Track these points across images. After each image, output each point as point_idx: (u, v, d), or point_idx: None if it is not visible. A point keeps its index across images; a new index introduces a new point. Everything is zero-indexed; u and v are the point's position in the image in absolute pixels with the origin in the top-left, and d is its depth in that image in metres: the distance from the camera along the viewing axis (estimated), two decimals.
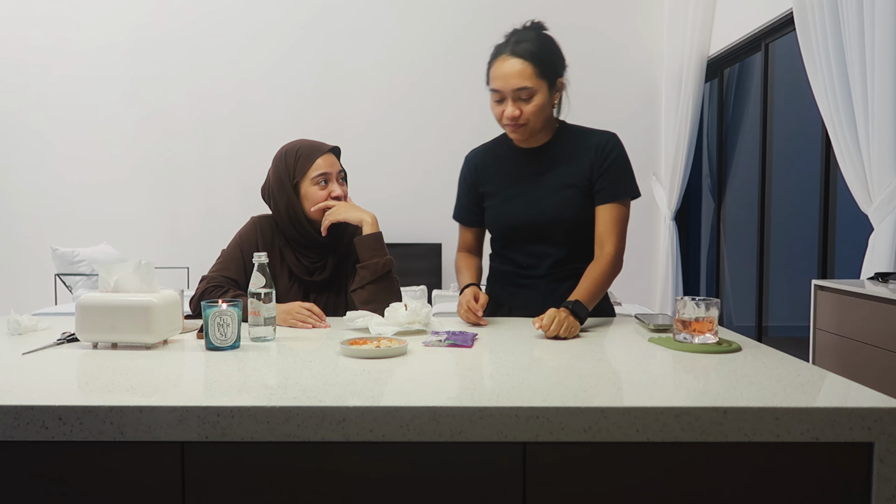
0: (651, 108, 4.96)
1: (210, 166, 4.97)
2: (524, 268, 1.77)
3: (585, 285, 1.61)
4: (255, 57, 4.92)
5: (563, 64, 1.69)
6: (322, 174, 1.80)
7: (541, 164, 1.74)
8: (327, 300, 1.82)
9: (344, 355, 1.30)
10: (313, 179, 1.80)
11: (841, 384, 1.09)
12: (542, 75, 1.62)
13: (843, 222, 3.24)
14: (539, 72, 1.61)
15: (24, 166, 4.94)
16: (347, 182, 1.90)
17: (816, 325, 2.52)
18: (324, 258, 1.84)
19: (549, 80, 1.64)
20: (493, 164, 1.81)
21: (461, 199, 1.88)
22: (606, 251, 1.66)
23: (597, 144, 1.71)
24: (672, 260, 4.70)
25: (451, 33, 4.89)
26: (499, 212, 1.78)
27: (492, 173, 1.80)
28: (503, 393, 1.02)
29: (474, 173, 1.83)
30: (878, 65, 2.53)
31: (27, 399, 0.99)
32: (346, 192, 1.86)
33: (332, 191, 1.81)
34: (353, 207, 1.81)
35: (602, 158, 1.69)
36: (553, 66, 1.65)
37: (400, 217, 4.86)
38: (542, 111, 1.64)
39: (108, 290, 1.39)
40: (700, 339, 1.35)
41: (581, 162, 1.71)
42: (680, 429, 0.95)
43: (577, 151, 1.72)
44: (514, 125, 1.65)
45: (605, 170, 1.69)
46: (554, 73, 1.65)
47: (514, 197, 1.76)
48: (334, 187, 1.82)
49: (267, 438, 0.96)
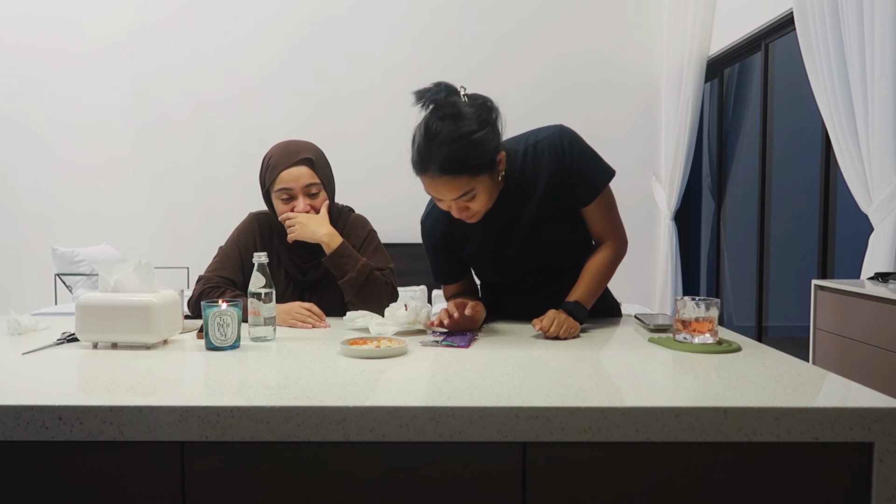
0: (651, 108, 4.95)
1: (210, 166, 4.97)
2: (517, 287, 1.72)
3: (585, 282, 1.58)
4: (256, 58, 4.91)
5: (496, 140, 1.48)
6: (284, 189, 1.76)
7: (505, 214, 1.59)
8: (321, 298, 1.80)
9: (344, 355, 1.30)
10: (276, 193, 1.78)
11: (841, 384, 1.09)
12: (479, 174, 1.45)
13: (843, 222, 3.24)
14: (471, 175, 1.44)
15: (25, 167, 4.94)
16: (330, 188, 1.83)
17: (816, 325, 2.52)
18: (316, 257, 1.83)
19: (489, 171, 1.47)
20: (457, 230, 1.64)
21: (439, 265, 1.73)
22: (607, 244, 1.64)
23: (551, 150, 1.55)
24: (672, 260, 4.70)
25: (452, 35, 4.89)
26: (482, 272, 1.72)
27: (459, 238, 1.65)
28: (503, 393, 1.02)
29: (444, 239, 1.67)
30: (878, 65, 2.53)
31: (27, 399, 0.99)
32: (318, 204, 1.79)
33: (296, 206, 1.77)
34: (311, 225, 1.74)
35: (565, 160, 1.54)
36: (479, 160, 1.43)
37: (400, 217, 4.85)
38: (491, 197, 1.51)
39: (108, 290, 1.39)
40: (700, 339, 1.35)
41: (548, 178, 1.56)
42: (680, 429, 0.95)
43: (538, 171, 1.56)
44: (468, 217, 1.53)
45: (573, 171, 1.55)
46: (486, 164, 1.45)
47: (490, 261, 1.66)
48: (298, 203, 1.77)
49: (267, 438, 0.96)
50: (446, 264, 1.72)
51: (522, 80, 4.83)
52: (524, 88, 4.79)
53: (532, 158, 1.57)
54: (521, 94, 4.70)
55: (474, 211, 1.51)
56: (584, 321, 1.54)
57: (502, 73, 4.81)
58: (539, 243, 1.61)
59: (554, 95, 4.77)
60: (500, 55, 4.84)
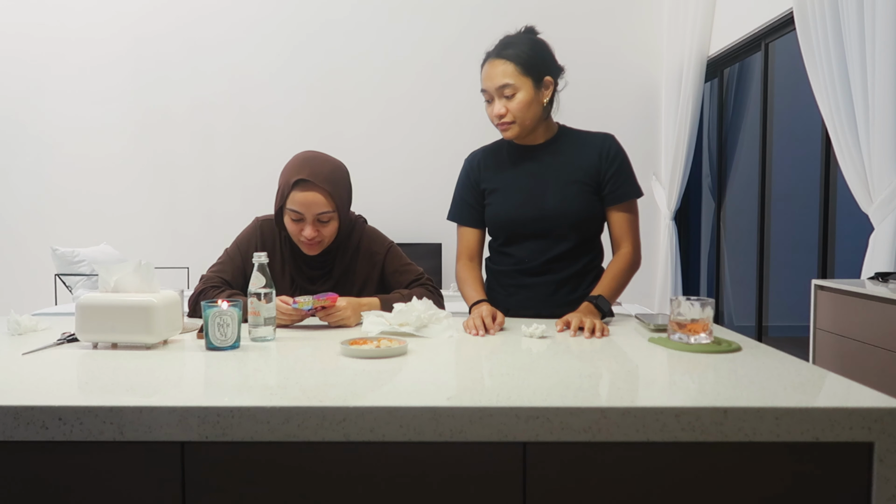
0: (651, 108, 4.96)
1: (210, 167, 4.97)
2: (524, 262, 1.77)
3: (607, 282, 1.70)
4: (256, 57, 4.91)
5: (553, 65, 1.73)
6: (295, 211, 1.69)
7: (543, 161, 1.76)
8: None
9: (344, 355, 1.30)
10: (288, 211, 1.71)
11: (841, 384, 1.09)
12: (524, 73, 1.66)
13: (843, 222, 3.24)
14: (521, 70, 1.66)
15: (25, 167, 4.94)
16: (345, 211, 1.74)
17: (816, 325, 2.52)
18: (325, 266, 1.80)
19: (533, 78, 1.67)
20: (495, 162, 1.82)
21: (460, 198, 1.87)
22: (625, 250, 1.75)
23: (600, 146, 1.75)
24: (672, 260, 4.70)
25: (451, 33, 4.89)
26: (502, 207, 1.78)
27: (494, 171, 1.82)
28: (503, 393, 1.02)
29: (476, 171, 1.84)
30: (878, 65, 2.53)
31: (27, 399, 0.99)
32: (327, 233, 1.71)
33: (303, 229, 1.70)
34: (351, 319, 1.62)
35: (609, 160, 1.73)
36: (536, 65, 1.68)
37: (400, 217, 4.86)
38: (527, 107, 1.68)
39: (108, 290, 1.39)
40: (695, 339, 1.35)
41: (585, 160, 1.74)
42: (680, 429, 0.95)
43: (579, 150, 1.76)
44: (503, 123, 1.70)
45: (612, 171, 1.73)
46: (538, 72, 1.68)
47: (517, 192, 1.77)
48: (307, 229, 1.69)
49: (267, 438, 0.96)
50: (465, 196, 1.85)
51: None
52: None
53: (583, 140, 1.77)
54: None
55: (512, 114, 1.67)
56: (607, 314, 1.66)
57: None
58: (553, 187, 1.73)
59: None
60: None
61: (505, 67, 1.66)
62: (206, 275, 1.80)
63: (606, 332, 1.50)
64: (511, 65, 1.66)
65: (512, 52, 1.67)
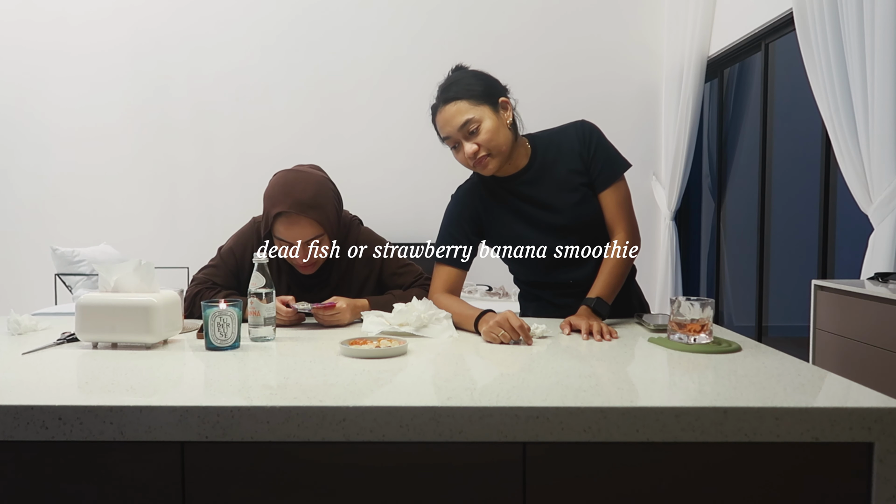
0: (651, 108, 4.95)
1: (210, 166, 4.97)
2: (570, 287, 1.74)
3: (603, 280, 1.66)
4: (255, 57, 4.91)
5: (500, 86, 1.69)
6: (283, 240, 1.68)
7: (535, 179, 1.72)
8: None
9: (344, 355, 1.30)
10: (277, 240, 1.69)
11: (841, 384, 1.09)
12: (479, 102, 1.62)
13: (843, 222, 3.24)
14: (474, 101, 1.61)
15: (25, 167, 4.94)
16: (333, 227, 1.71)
17: (816, 325, 2.52)
18: (324, 275, 1.79)
19: (489, 104, 1.62)
20: (489, 195, 1.75)
21: (451, 236, 1.75)
22: (619, 236, 1.70)
23: (575, 135, 1.72)
24: (672, 260, 4.70)
25: (452, 37, 4.88)
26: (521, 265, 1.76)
27: (493, 202, 1.75)
28: (503, 393, 1.02)
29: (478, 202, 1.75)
30: (878, 65, 2.53)
31: (27, 399, 0.99)
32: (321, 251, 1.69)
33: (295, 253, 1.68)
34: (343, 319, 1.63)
35: (587, 146, 1.70)
36: (486, 91, 1.64)
37: (400, 217, 4.86)
38: (496, 133, 1.62)
39: (108, 290, 1.39)
40: (695, 339, 1.36)
41: (571, 157, 1.71)
42: (680, 429, 0.95)
43: (561, 150, 1.72)
44: (480, 160, 1.63)
45: (594, 156, 1.70)
46: (490, 96, 1.64)
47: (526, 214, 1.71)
48: (298, 253, 1.68)
49: (267, 438, 0.96)
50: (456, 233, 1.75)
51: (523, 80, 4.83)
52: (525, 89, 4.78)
53: (558, 138, 1.74)
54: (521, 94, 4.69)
55: (484, 147, 1.61)
56: (606, 317, 1.63)
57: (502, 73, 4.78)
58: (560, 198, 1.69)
59: (554, 95, 4.76)
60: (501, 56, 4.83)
61: (458, 106, 1.61)
62: (198, 276, 1.78)
63: (615, 335, 1.50)
64: (462, 101, 1.61)
65: (456, 90, 1.63)
